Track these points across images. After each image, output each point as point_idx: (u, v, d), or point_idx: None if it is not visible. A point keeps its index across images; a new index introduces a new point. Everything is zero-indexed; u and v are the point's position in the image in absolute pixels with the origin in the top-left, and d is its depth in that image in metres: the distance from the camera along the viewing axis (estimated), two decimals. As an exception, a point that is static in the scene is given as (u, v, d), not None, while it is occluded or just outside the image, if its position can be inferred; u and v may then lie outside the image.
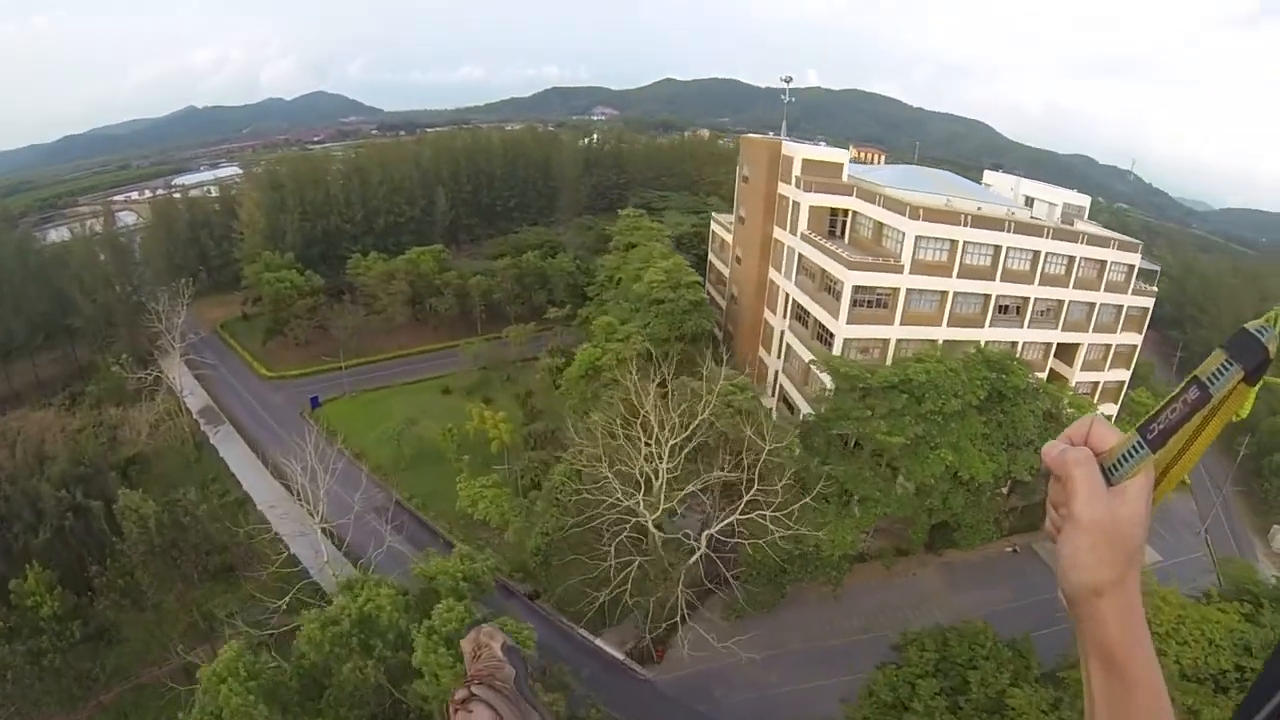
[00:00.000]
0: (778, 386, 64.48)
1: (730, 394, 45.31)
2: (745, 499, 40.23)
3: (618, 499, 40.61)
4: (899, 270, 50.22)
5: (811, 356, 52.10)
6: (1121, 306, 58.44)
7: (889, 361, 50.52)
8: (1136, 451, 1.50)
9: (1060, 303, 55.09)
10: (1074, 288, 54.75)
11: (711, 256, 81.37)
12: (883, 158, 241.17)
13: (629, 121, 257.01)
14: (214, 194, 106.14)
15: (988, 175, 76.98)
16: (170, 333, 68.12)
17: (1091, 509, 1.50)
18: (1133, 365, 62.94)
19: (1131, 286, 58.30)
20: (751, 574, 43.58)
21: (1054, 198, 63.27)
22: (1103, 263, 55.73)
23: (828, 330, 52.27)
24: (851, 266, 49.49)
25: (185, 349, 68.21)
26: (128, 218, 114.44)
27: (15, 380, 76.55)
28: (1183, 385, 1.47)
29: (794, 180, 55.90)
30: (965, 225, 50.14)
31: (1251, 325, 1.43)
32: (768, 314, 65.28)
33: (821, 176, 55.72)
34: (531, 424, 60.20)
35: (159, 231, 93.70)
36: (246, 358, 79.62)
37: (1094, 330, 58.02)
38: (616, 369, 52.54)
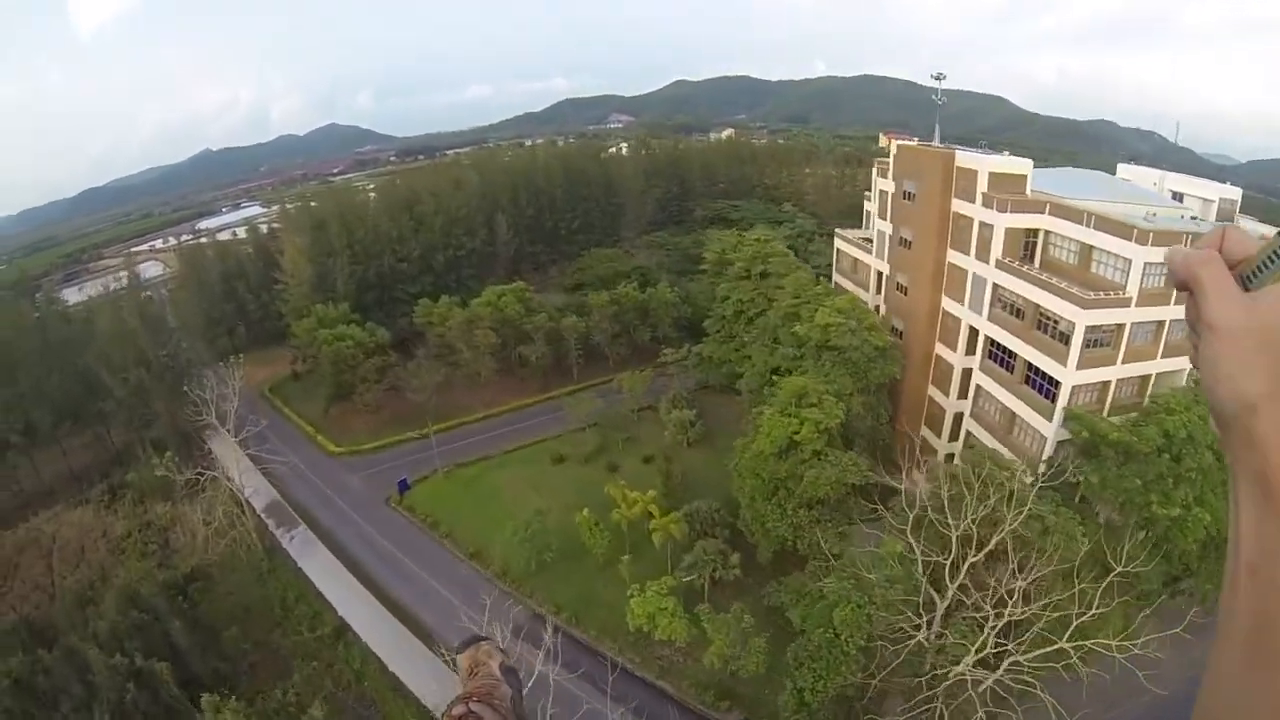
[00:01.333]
0: (962, 431, 52.54)
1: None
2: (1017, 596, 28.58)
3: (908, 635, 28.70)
4: (1127, 304, 41.34)
5: (1023, 405, 44.34)
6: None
7: (1108, 408, 42.72)
8: (1277, 257, 1.29)
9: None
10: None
11: (839, 278, 69.23)
12: (915, 141, 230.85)
13: (647, 126, 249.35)
14: (242, 235, 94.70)
15: (1123, 169, 63.56)
16: (220, 416, 56.23)
17: (1227, 311, 1.30)
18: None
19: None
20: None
21: (1207, 193, 51.21)
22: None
23: (1047, 376, 43.31)
24: (1086, 305, 40.41)
25: (242, 434, 56.02)
26: (153, 269, 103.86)
27: (45, 472, 65.22)
28: None
29: (978, 198, 46.32)
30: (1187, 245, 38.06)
31: None
32: (942, 349, 54.23)
33: (1005, 192, 45.82)
34: (689, 503, 47.94)
35: (190, 285, 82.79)
36: (307, 430, 67.82)
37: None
38: (815, 442, 40.50)
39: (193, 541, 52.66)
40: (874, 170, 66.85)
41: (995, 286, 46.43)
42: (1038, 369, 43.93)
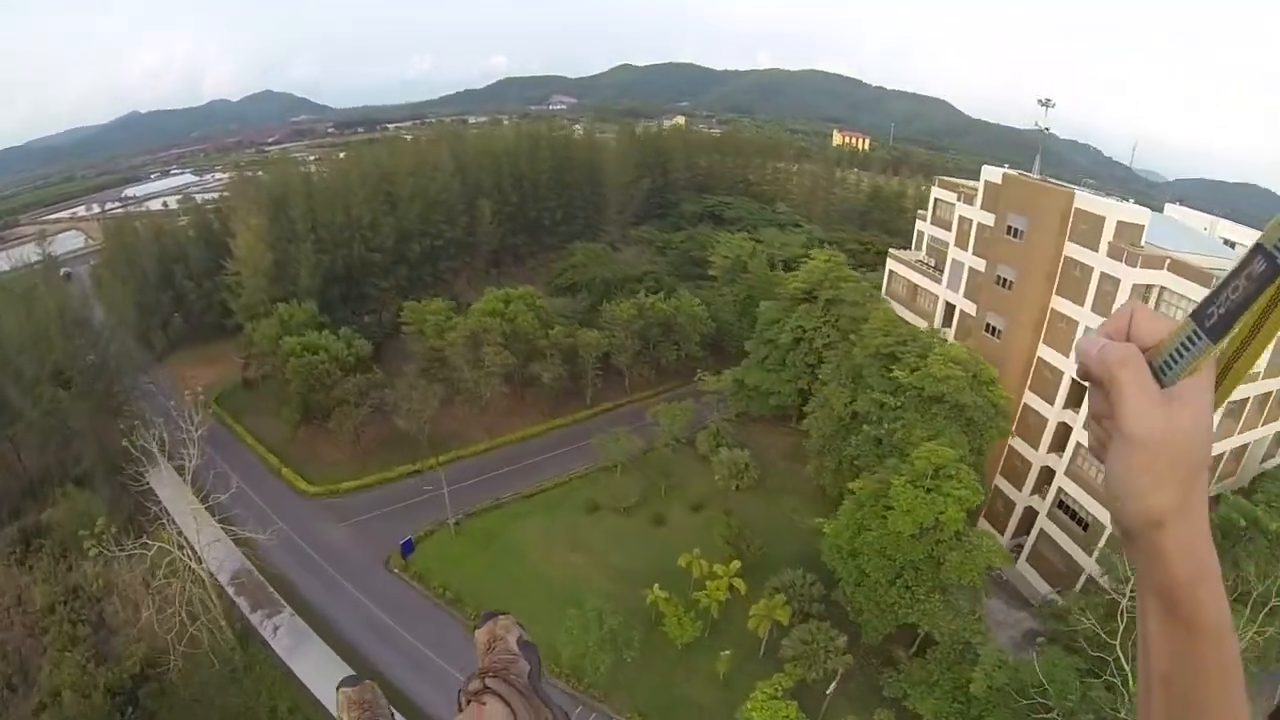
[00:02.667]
0: (1052, 488, 48.63)
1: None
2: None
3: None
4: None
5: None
6: None
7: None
8: (1193, 343, 1.20)
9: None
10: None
11: (890, 303, 62.84)
12: (867, 141, 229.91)
13: (592, 110, 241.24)
14: (174, 206, 79.89)
15: (1170, 209, 60.58)
16: (164, 445, 44.60)
17: (1143, 420, 1.21)
18: None
19: None
20: None
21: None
22: None
23: None
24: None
25: (203, 487, 44.43)
26: (74, 240, 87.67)
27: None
28: (1244, 257, 1.15)
29: (1103, 247, 42.75)
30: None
31: None
32: (1034, 399, 49.92)
33: (1125, 241, 42.51)
34: (772, 574, 40.88)
35: (118, 266, 68.38)
36: (269, 460, 56.03)
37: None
38: (958, 522, 34.20)
39: (136, 617, 41.25)
40: (934, 188, 61.19)
41: None
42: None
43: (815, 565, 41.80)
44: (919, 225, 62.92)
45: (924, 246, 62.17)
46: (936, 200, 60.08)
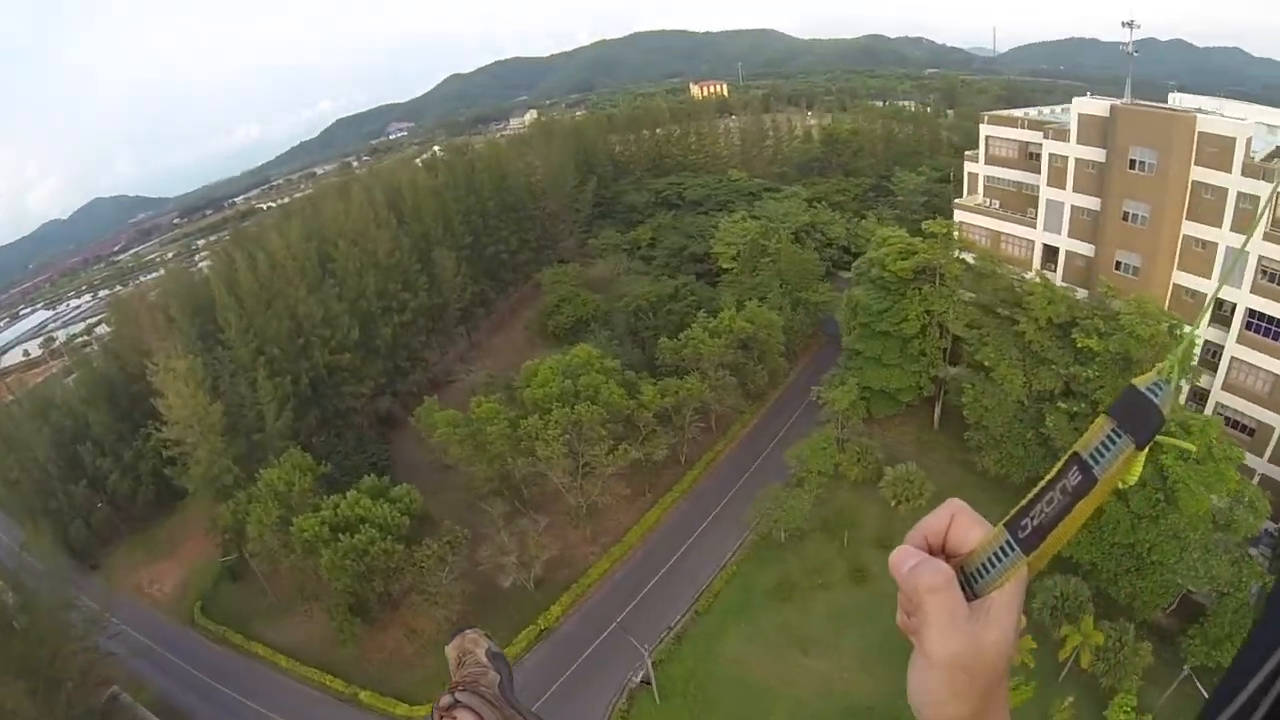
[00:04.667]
0: (1210, 402, 46.87)
1: None
2: None
3: None
4: None
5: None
6: None
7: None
8: (1005, 555, 1.24)
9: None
10: None
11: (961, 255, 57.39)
12: (725, 87, 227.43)
13: (445, 127, 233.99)
14: (39, 353, 59.49)
15: (1173, 98, 59.97)
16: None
17: (947, 644, 1.23)
18: None
19: None
20: None
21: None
22: None
23: None
24: None
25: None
26: None
27: None
28: (1060, 465, 1.19)
29: (1238, 166, 40.70)
30: None
31: (1141, 381, 1.16)
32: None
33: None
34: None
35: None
36: (334, 686, 41.03)
37: None
38: None
39: None
40: (984, 126, 55.91)
41: (1260, 259, 41.39)
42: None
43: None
44: (969, 167, 57.92)
45: (979, 189, 57.09)
46: (989, 138, 55.21)
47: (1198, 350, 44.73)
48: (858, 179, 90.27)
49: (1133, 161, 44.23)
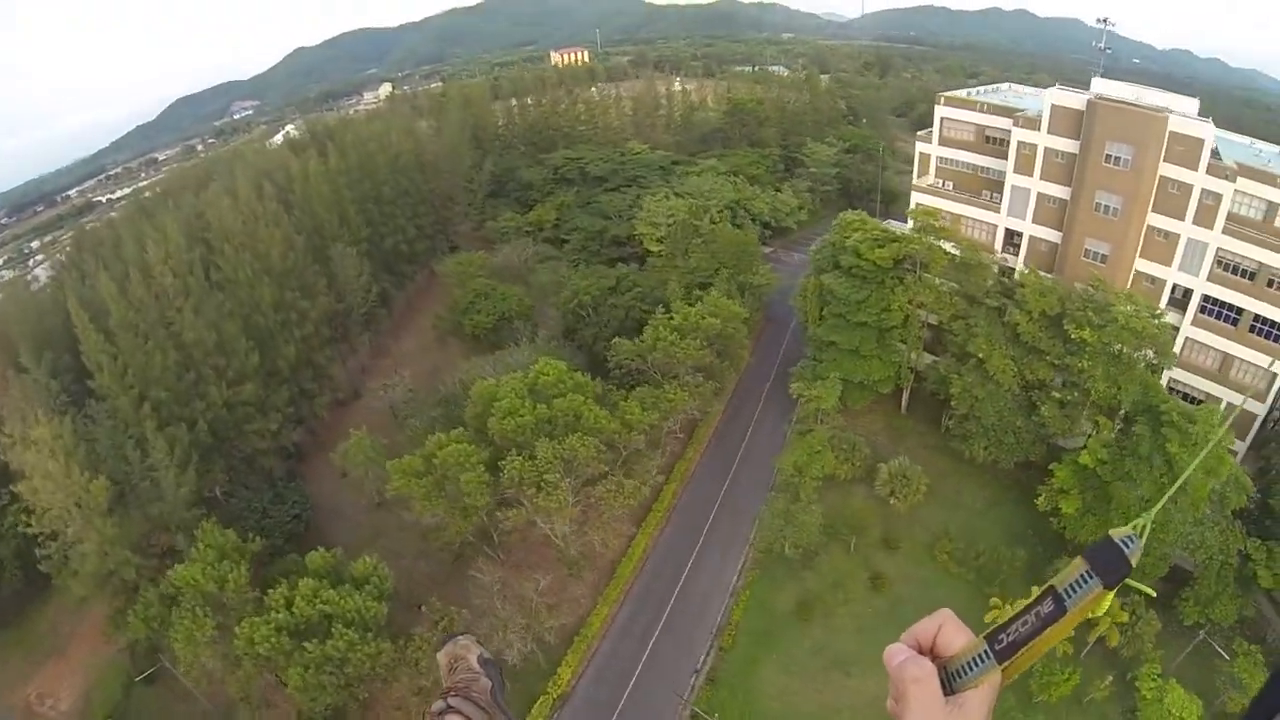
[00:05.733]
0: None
1: None
2: None
3: None
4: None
5: (1248, 350, 44.72)
6: None
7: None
8: (982, 661, 1.46)
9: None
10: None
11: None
12: (586, 54, 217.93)
13: (286, 106, 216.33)
14: None
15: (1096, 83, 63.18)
16: None
17: None
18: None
19: None
20: None
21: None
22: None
23: (1275, 324, 43.94)
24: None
25: None
26: None
27: None
28: (1038, 595, 1.42)
29: (1203, 165, 43.24)
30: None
31: (1117, 534, 1.36)
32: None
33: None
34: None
35: None
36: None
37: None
38: None
39: None
40: (939, 107, 55.01)
41: (1217, 250, 44.25)
42: (1266, 320, 43.92)
43: (1044, 541, 41.63)
44: (921, 147, 57.25)
45: (931, 170, 56.56)
46: (944, 120, 54.50)
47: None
48: (763, 149, 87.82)
49: (1109, 156, 45.13)
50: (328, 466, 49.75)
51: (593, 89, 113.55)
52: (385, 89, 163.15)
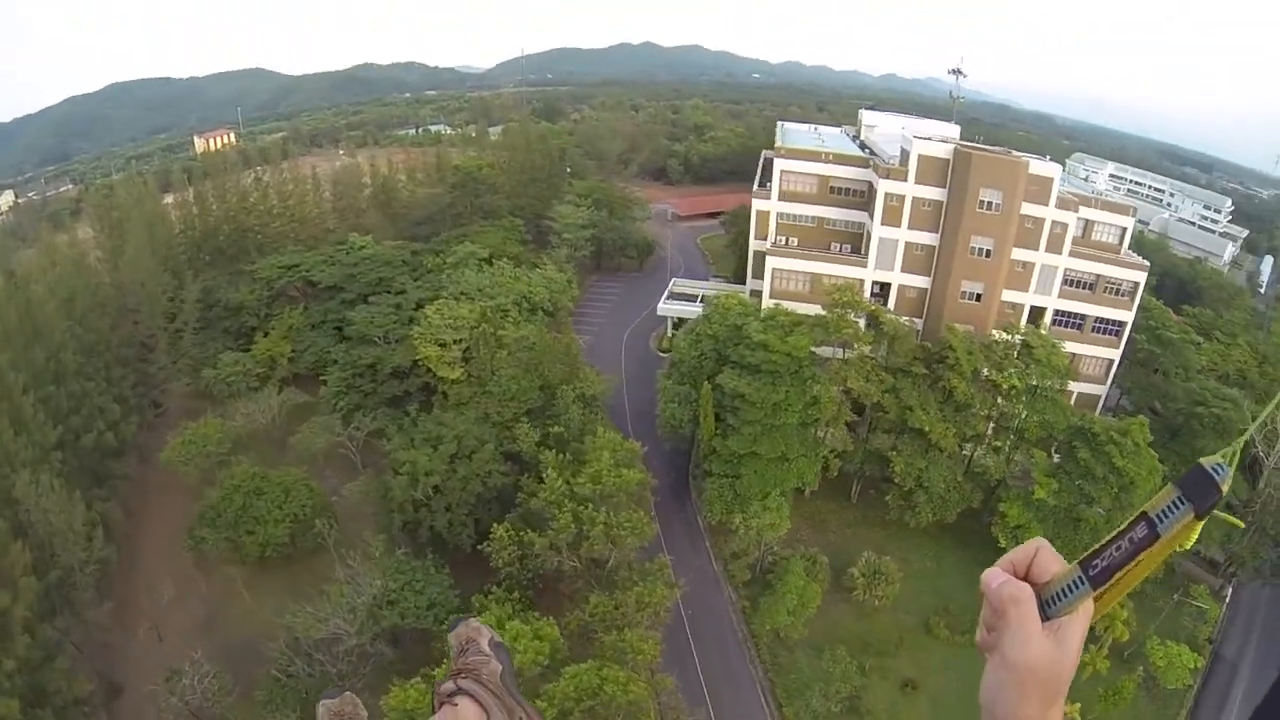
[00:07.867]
0: None
1: None
2: None
3: None
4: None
5: (1093, 348, 51.57)
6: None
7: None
8: (1077, 587, 1.45)
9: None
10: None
11: (778, 303, 52.08)
12: (232, 135, 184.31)
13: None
14: None
15: (866, 115, 68.29)
16: None
17: (1023, 651, 1.45)
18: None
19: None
20: None
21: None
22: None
23: (1112, 321, 51.33)
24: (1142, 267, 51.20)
25: None
26: None
27: None
28: (1131, 521, 1.41)
29: (1053, 200, 47.91)
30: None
31: (1208, 461, 1.35)
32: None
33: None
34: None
35: None
36: None
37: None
38: None
39: None
40: (778, 160, 52.76)
41: (1066, 270, 49.48)
42: (1107, 320, 51.06)
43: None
44: (759, 204, 54.71)
45: (770, 229, 53.18)
46: (784, 173, 51.82)
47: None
48: (499, 220, 75.92)
49: (983, 202, 46.24)
50: None
51: (283, 169, 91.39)
52: (6, 198, 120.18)
